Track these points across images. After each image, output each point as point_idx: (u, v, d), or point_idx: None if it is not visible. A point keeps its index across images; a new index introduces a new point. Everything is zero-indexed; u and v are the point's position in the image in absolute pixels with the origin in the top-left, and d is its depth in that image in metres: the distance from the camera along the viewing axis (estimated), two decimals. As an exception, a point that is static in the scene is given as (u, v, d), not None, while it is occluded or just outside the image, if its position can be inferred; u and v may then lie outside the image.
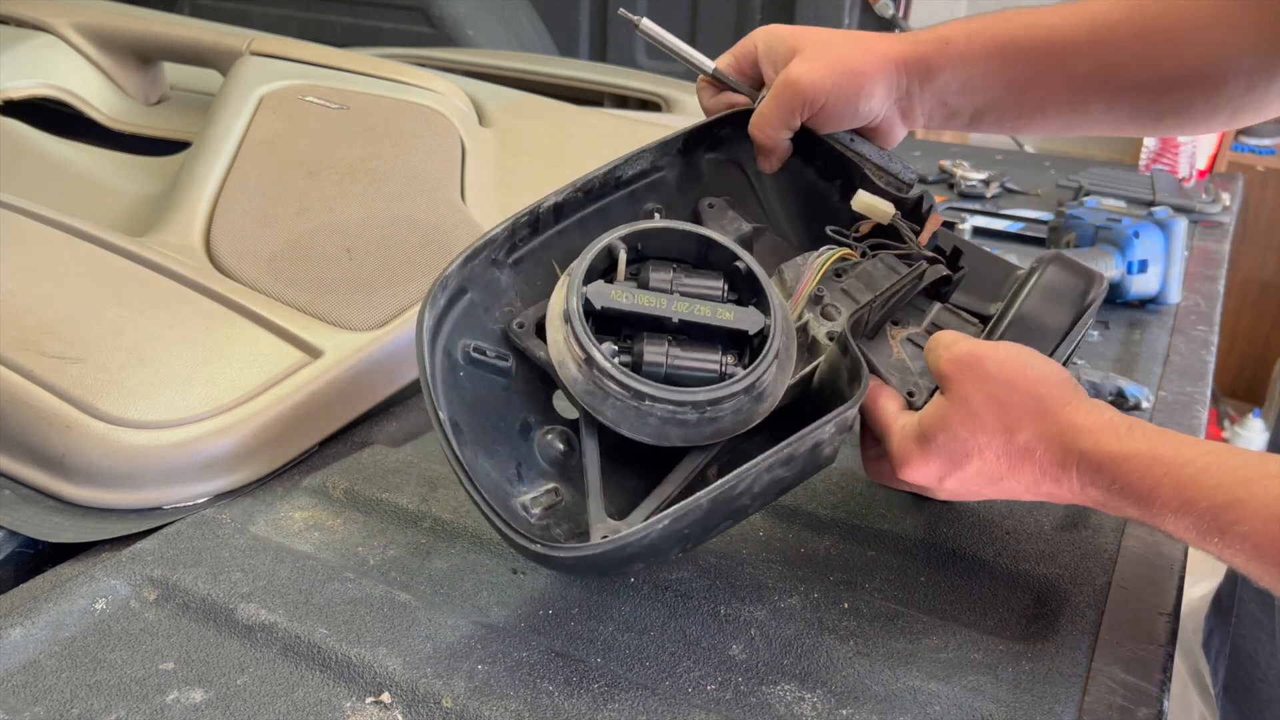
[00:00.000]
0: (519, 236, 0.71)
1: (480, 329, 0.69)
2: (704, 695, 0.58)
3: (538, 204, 0.71)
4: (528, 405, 0.69)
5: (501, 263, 0.71)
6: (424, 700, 0.57)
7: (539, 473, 0.68)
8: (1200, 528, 0.53)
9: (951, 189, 1.60)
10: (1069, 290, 0.67)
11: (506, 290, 0.71)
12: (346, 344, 0.85)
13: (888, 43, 0.75)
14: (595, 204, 0.75)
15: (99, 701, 0.56)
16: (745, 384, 0.63)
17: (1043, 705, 0.58)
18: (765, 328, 0.65)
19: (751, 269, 0.67)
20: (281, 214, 0.99)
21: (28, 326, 0.78)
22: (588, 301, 0.63)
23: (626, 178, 0.76)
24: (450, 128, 1.19)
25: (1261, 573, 0.52)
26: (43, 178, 1.14)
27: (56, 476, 0.73)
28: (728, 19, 2.00)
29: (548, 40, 2.17)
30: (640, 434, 0.63)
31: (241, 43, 1.27)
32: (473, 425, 0.66)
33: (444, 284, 0.66)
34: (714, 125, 0.78)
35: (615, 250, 0.66)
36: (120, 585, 0.65)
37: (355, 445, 0.82)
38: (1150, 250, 1.14)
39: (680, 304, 0.65)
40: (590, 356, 0.61)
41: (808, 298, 0.71)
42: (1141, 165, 1.60)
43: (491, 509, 0.58)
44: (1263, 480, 0.52)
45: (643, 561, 0.62)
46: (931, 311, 0.72)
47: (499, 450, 0.67)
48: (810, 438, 0.60)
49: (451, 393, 0.65)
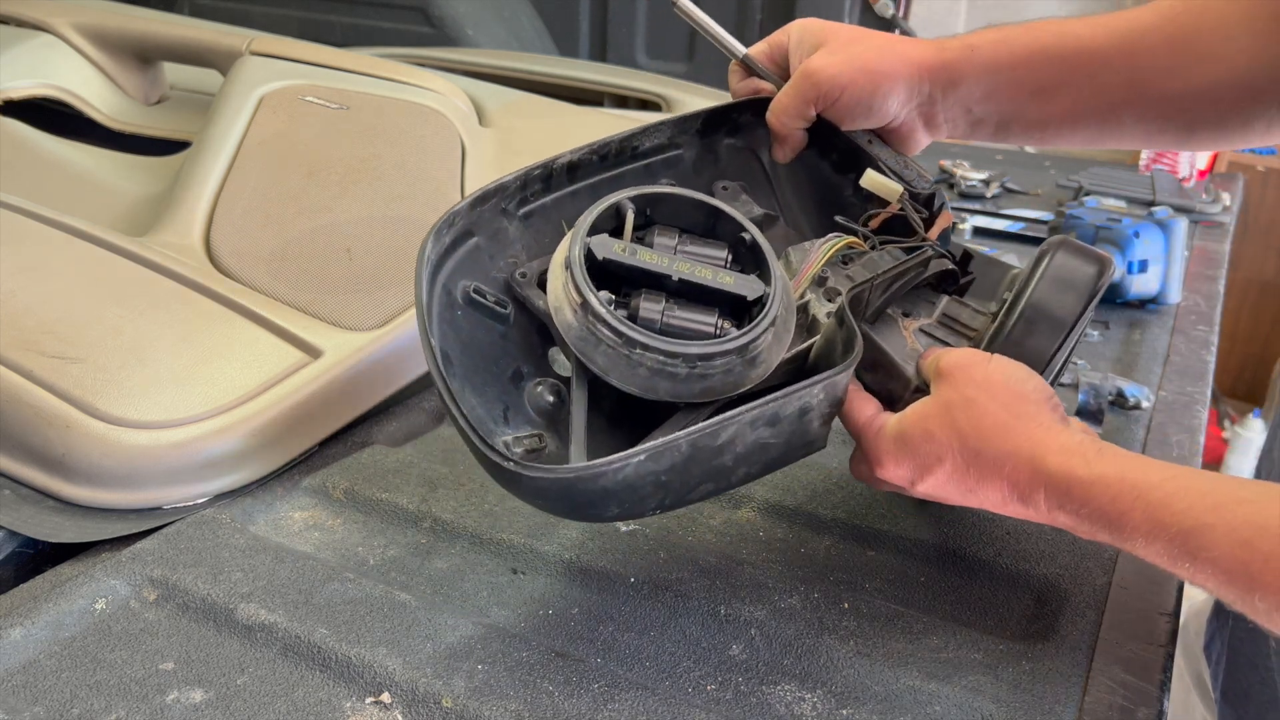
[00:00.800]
0: (531, 189, 0.71)
1: (483, 275, 0.69)
2: (704, 695, 0.58)
3: (552, 159, 0.71)
4: (522, 355, 0.69)
5: (511, 213, 0.71)
6: (424, 700, 0.57)
7: (526, 419, 0.68)
8: (1171, 552, 0.52)
9: (951, 189, 1.60)
10: (1079, 276, 0.67)
11: (514, 242, 0.71)
12: (346, 344, 0.85)
13: (913, 47, 0.74)
14: (610, 171, 0.75)
15: (99, 701, 0.56)
16: (738, 344, 0.62)
17: (1043, 705, 0.58)
18: (764, 295, 0.64)
19: (757, 240, 0.66)
20: (281, 214, 0.99)
21: (28, 326, 0.78)
22: (590, 252, 0.63)
23: (644, 149, 0.76)
24: (450, 128, 1.19)
25: (1233, 597, 0.51)
26: (43, 178, 1.14)
27: (56, 476, 0.73)
28: (728, 19, 2.00)
29: (548, 40, 2.17)
30: (629, 384, 0.62)
31: (241, 43, 1.27)
32: (464, 362, 0.66)
33: (450, 220, 0.66)
34: (733, 110, 0.79)
35: (624, 209, 0.66)
36: (120, 585, 0.65)
37: (355, 445, 0.82)
38: (1150, 250, 1.14)
39: (681, 263, 0.64)
40: (586, 301, 0.61)
41: (811, 279, 0.70)
42: (1142, 165, 1.60)
43: (470, 427, 0.58)
44: (1231, 505, 0.51)
45: (619, 505, 0.60)
46: (941, 303, 0.72)
47: (488, 391, 0.67)
48: (797, 398, 0.59)
49: (446, 327, 0.66)
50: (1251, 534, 0.50)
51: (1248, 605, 0.51)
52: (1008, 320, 0.67)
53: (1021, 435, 0.58)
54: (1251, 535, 0.50)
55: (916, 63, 0.73)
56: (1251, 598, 0.50)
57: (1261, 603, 0.50)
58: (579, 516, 0.66)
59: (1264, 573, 0.49)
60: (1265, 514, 0.50)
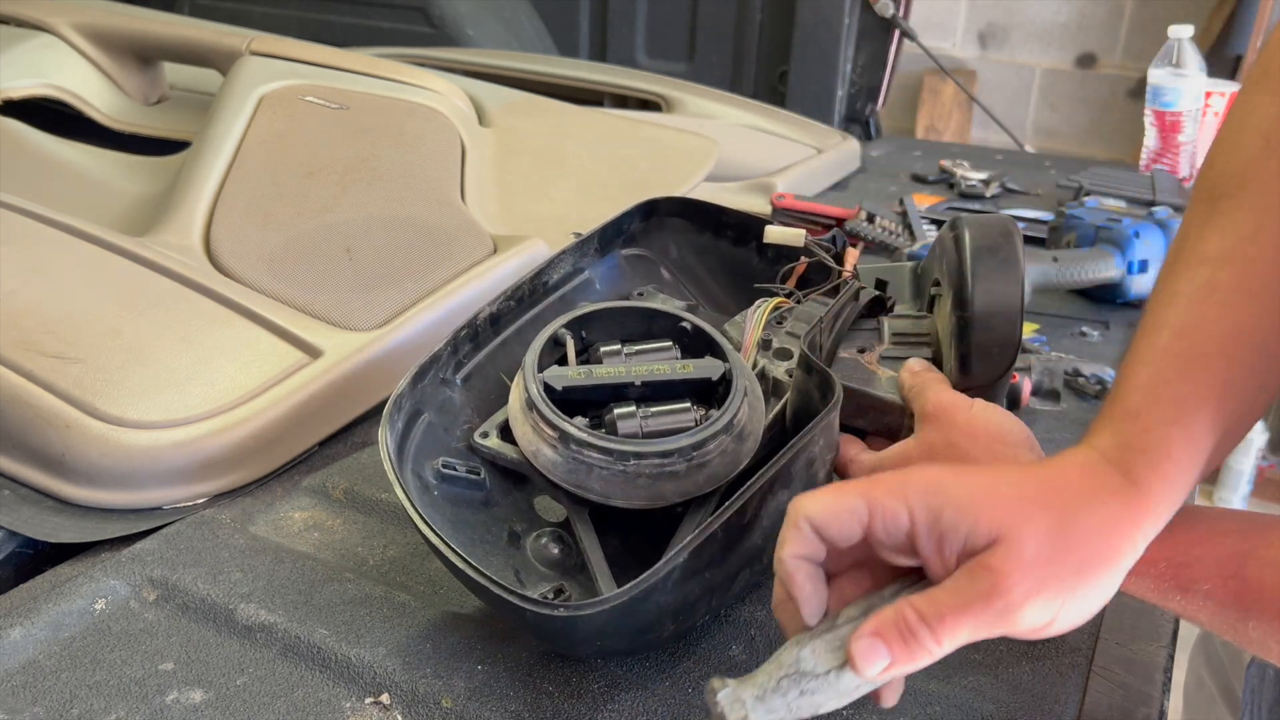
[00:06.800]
0: (462, 351, 0.71)
1: (444, 449, 0.67)
2: (704, 695, 0.58)
3: (474, 317, 0.71)
4: (511, 514, 0.66)
5: (450, 381, 0.70)
6: (424, 700, 0.57)
7: (539, 576, 0.63)
8: (1160, 587, 0.52)
9: (951, 189, 1.60)
10: (997, 226, 0.69)
11: (462, 409, 0.70)
12: (346, 344, 0.85)
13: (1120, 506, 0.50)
14: (530, 311, 0.76)
15: (99, 701, 0.56)
16: (724, 421, 0.62)
17: (1043, 705, 0.58)
18: (727, 370, 0.65)
19: (698, 325, 0.68)
20: (281, 214, 0.99)
21: (28, 326, 0.78)
22: (547, 386, 0.63)
23: (553, 282, 0.78)
24: (450, 128, 1.19)
25: (1226, 628, 0.51)
26: (43, 178, 1.14)
27: (56, 476, 0.73)
28: (728, 19, 1.99)
29: (548, 40, 2.17)
30: (632, 500, 0.61)
31: (241, 43, 1.27)
32: (459, 541, 0.60)
33: (398, 404, 0.64)
34: (622, 222, 0.81)
35: (561, 339, 0.67)
36: (120, 585, 0.65)
37: (355, 445, 0.82)
38: (1150, 250, 1.14)
39: (639, 367, 0.65)
40: (564, 432, 0.61)
41: (757, 344, 0.72)
42: (1142, 165, 1.60)
43: (503, 588, 0.54)
44: (1216, 536, 0.51)
45: (673, 619, 0.57)
46: (883, 327, 0.74)
47: (492, 561, 0.62)
48: (802, 449, 0.59)
49: (431, 511, 0.61)
50: (1238, 563, 0.50)
51: (1240, 634, 0.50)
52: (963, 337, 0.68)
53: None
54: (1239, 565, 0.50)
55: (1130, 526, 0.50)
56: (1245, 626, 0.50)
57: (1255, 630, 0.49)
58: (638, 645, 0.61)
59: (1256, 600, 0.49)
60: (1249, 543, 0.50)
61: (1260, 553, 0.49)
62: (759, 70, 1.99)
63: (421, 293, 0.92)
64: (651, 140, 1.40)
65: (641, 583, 0.53)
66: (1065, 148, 3.40)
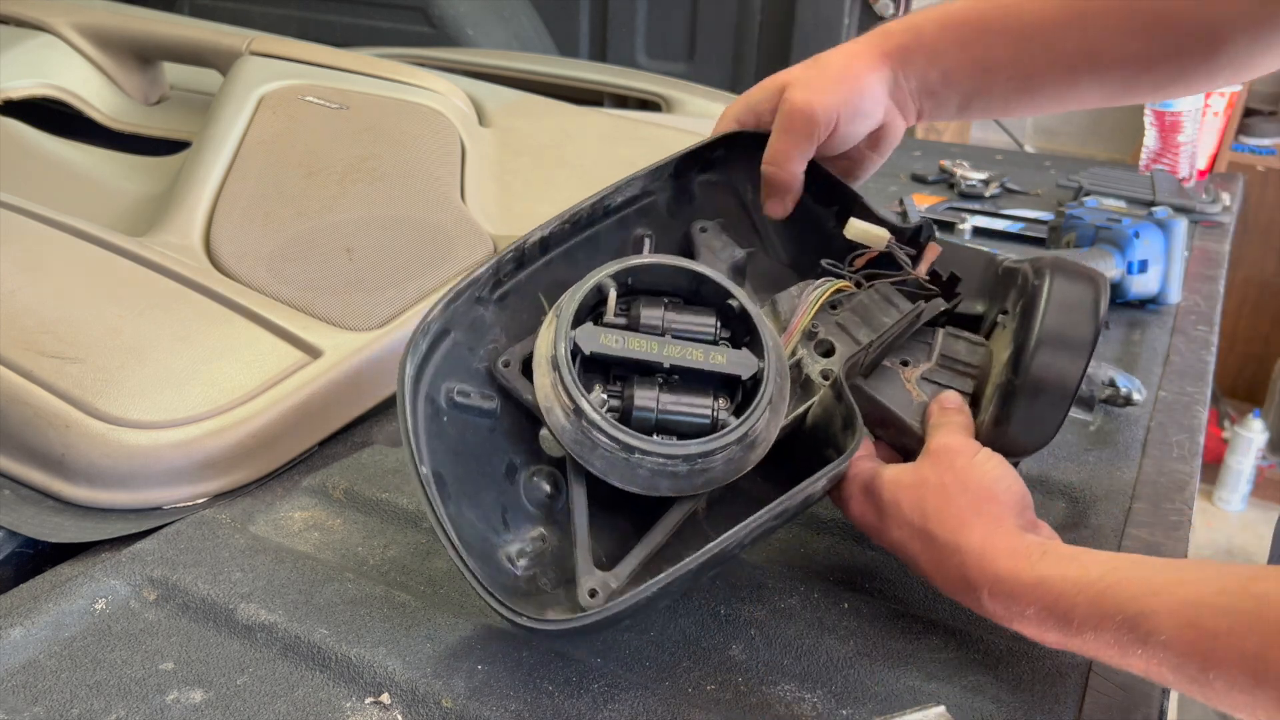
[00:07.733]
0: (504, 272, 0.69)
1: (465, 369, 0.66)
2: (704, 695, 0.58)
3: (523, 239, 0.68)
4: (513, 446, 0.67)
5: (486, 300, 0.68)
6: (424, 700, 0.57)
7: (525, 517, 0.65)
8: (1120, 641, 0.52)
9: (951, 189, 1.60)
10: (1082, 301, 0.65)
11: (491, 327, 0.68)
12: (346, 344, 0.85)
13: (863, 43, 0.73)
14: (583, 233, 0.72)
15: (99, 701, 0.56)
16: (737, 435, 0.62)
17: (1043, 705, 0.58)
18: (759, 371, 0.63)
19: (745, 307, 0.65)
20: (281, 214, 0.99)
21: (28, 326, 0.78)
22: (576, 346, 0.62)
23: (616, 205, 0.73)
24: (450, 128, 1.19)
25: (1187, 681, 0.50)
26: (43, 178, 1.14)
27: (56, 476, 0.73)
28: (728, 19, 2.00)
29: (548, 40, 2.17)
30: (629, 484, 0.61)
31: (241, 43, 1.27)
32: (457, 472, 0.63)
33: (425, 329, 0.63)
34: (707, 148, 0.76)
35: (605, 288, 0.64)
36: (120, 585, 0.65)
37: (355, 445, 0.82)
38: (1150, 250, 1.14)
39: (672, 348, 0.63)
40: (579, 407, 0.60)
41: (802, 332, 0.70)
42: (1141, 165, 1.60)
43: (477, 580, 0.57)
44: (1171, 587, 0.51)
45: (630, 620, 0.62)
46: (937, 343, 0.71)
47: (484, 497, 0.64)
48: (802, 493, 0.59)
49: (435, 441, 0.63)
50: (1195, 613, 0.49)
51: (1202, 686, 0.49)
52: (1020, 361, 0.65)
53: (977, 533, 0.59)
54: (1195, 614, 0.49)
55: (879, 52, 0.72)
56: (1206, 676, 0.49)
57: (1218, 680, 0.48)
58: (592, 643, 0.64)
59: (1214, 650, 0.48)
60: (1203, 592, 0.50)
61: (1217, 601, 0.49)
62: (759, 70, 1.99)
63: (421, 293, 0.92)
64: (651, 140, 1.40)
65: (609, 610, 0.56)
66: (1065, 147, 3.40)
